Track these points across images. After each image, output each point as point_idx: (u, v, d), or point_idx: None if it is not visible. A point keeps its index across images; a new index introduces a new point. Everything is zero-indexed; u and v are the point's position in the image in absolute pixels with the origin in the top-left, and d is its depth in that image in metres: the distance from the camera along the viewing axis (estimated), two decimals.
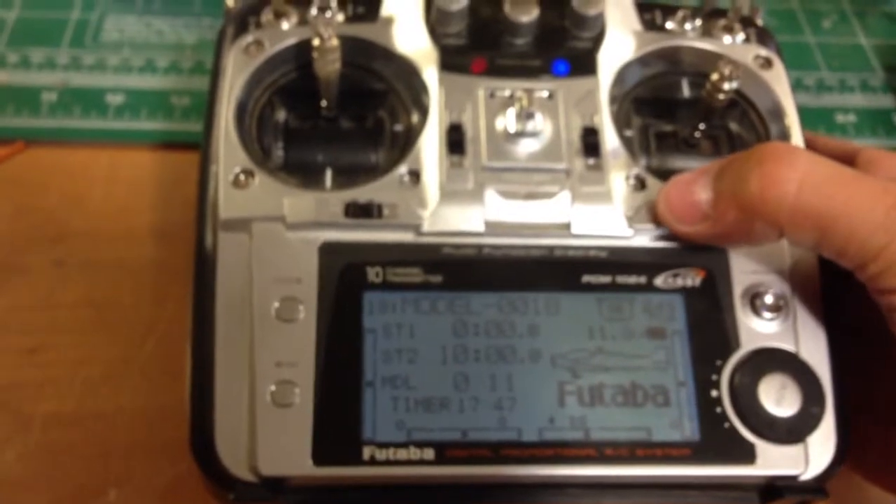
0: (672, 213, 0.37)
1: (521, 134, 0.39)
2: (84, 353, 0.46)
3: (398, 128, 0.41)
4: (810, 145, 0.43)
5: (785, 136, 0.42)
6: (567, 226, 0.38)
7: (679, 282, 0.38)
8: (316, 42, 0.38)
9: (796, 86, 0.58)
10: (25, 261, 0.48)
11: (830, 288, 0.38)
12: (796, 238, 0.35)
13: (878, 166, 0.39)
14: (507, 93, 0.40)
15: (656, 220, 0.38)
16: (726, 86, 0.40)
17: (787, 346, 0.37)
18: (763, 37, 0.45)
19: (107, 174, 0.52)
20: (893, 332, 0.34)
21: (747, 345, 0.37)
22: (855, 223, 0.33)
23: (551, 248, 0.38)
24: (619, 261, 0.38)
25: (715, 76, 0.40)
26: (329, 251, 0.37)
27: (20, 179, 0.51)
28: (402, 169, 0.38)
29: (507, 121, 0.39)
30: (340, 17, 0.42)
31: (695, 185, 0.36)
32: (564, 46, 0.42)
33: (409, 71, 0.41)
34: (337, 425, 0.34)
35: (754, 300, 0.37)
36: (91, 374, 0.45)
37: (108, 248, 0.49)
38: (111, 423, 0.44)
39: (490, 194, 0.38)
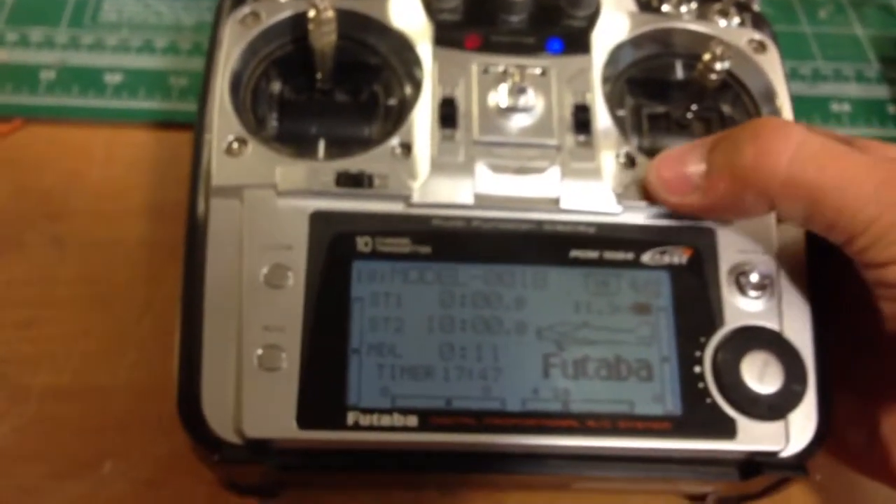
0: (663, 183, 0.37)
1: (512, 109, 0.39)
2: (81, 328, 0.46)
3: (392, 101, 0.42)
4: None
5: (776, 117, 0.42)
6: (556, 201, 0.38)
7: (666, 259, 0.38)
8: (311, 14, 0.39)
9: (792, 75, 0.59)
10: (23, 238, 0.49)
11: (817, 267, 0.38)
12: (787, 210, 0.35)
13: (871, 151, 0.39)
14: (500, 68, 0.41)
15: (646, 194, 0.38)
16: (718, 66, 0.40)
17: (771, 325, 0.37)
18: (758, 22, 0.45)
19: (104, 153, 0.52)
20: (880, 306, 0.34)
21: (731, 322, 0.37)
22: (846, 196, 0.33)
23: (540, 223, 0.38)
24: (606, 237, 0.38)
25: (707, 56, 0.40)
26: (319, 219, 0.37)
27: (18, 157, 0.52)
28: (394, 141, 0.39)
29: (500, 96, 0.40)
30: None
31: (687, 156, 0.37)
32: (559, 25, 0.42)
33: (403, 45, 0.41)
34: (322, 390, 0.35)
35: (740, 278, 0.38)
36: (87, 348, 0.46)
37: (106, 225, 0.49)
38: (107, 396, 0.44)
39: (480, 168, 0.38)
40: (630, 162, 0.39)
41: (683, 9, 0.44)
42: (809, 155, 0.33)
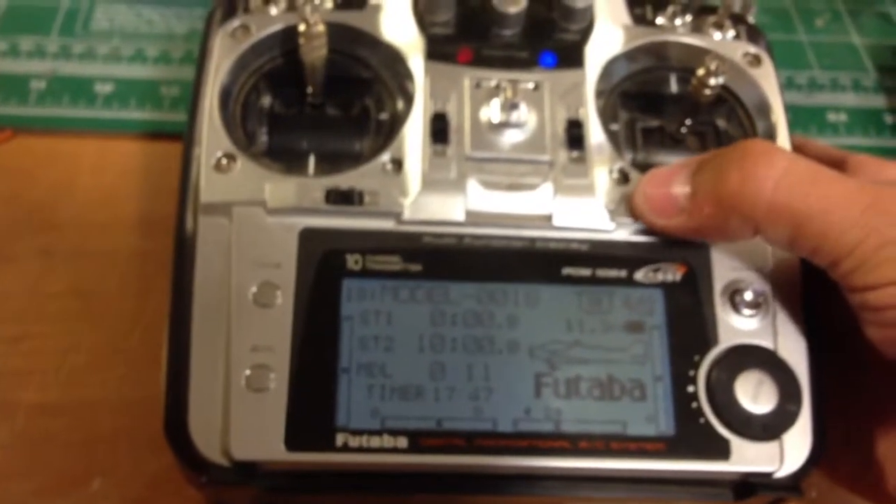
0: (649, 205, 0.37)
1: (505, 124, 0.39)
2: (70, 342, 0.46)
3: (383, 116, 0.41)
4: (800, 148, 0.43)
5: (771, 132, 0.42)
6: (549, 217, 0.38)
7: (659, 276, 0.38)
8: (302, 28, 0.38)
9: (788, 84, 0.58)
10: (12, 249, 0.48)
11: (814, 291, 0.38)
12: (771, 235, 0.35)
13: (864, 171, 0.39)
14: (492, 83, 0.40)
15: (633, 212, 0.38)
16: (712, 81, 0.40)
17: (766, 344, 0.37)
18: (753, 34, 0.45)
19: (95, 164, 0.52)
20: (864, 330, 0.34)
21: (725, 341, 0.37)
22: (830, 221, 0.33)
23: (532, 240, 0.38)
24: (599, 254, 0.38)
25: (701, 71, 0.40)
26: (309, 237, 0.37)
27: (7, 168, 0.51)
28: (385, 157, 0.38)
29: (492, 111, 0.39)
30: (329, 4, 0.42)
31: (673, 178, 0.36)
32: (552, 38, 0.42)
33: (395, 59, 0.41)
34: (311, 411, 0.34)
35: (734, 296, 0.37)
36: (76, 363, 0.45)
37: (95, 237, 0.49)
38: (96, 412, 0.44)
39: (472, 184, 0.38)
40: (623, 178, 0.39)
41: (678, 21, 0.44)
42: (795, 181, 0.33)
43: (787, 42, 0.61)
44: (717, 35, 0.44)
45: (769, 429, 0.36)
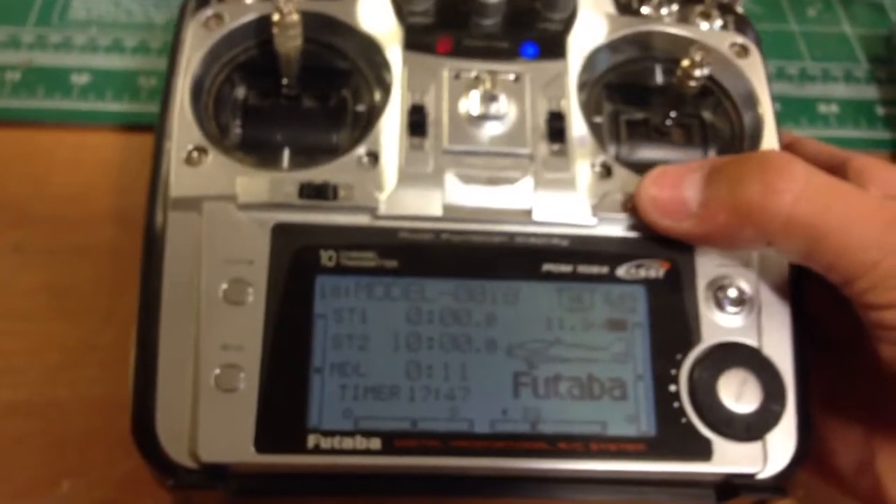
0: (655, 206, 0.36)
1: (484, 117, 0.38)
2: (41, 341, 0.45)
3: (361, 108, 0.40)
4: (798, 148, 0.42)
5: (758, 126, 0.41)
6: (529, 212, 0.37)
7: (642, 273, 0.37)
8: (276, 17, 0.37)
9: (779, 75, 0.57)
10: None
11: (810, 294, 0.37)
12: (786, 248, 0.34)
13: (871, 178, 0.37)
14: (472, 74, 0.39)
15: (630, 209, 0.37)
16: (697, 73, 0.39)
17: (750, 341, 0.36)
18: (741, 24, 0.44)
19: (70, 157, 0.50)
20: (877, 347, 0.33)
21: (709, 339, 0.36)
22: (848, 237, 0.32)
23: (512, 235, 0.37)
24: (581, 250, 0.37)
25: (686, 63, 0.39)
26: (281, 232, 0.36)
27: None
28: (361, 150, 0.37)
29: (471, 103, 0.38)
30: None
31: (684, 180, 0.35)
32: (534, 28, 0.41)
33: (372, 49, 0.40)
34: (282, 412, 0.34)
35: (718, 293, 0.37)
36: (48, 362, 0.44)
37: (69, 233, 0.48)
38: (68, 412, 0.43)
39: (450, 178, 0.37)
40: (606, 171, 0.38)
41: (664, 11, 0.43)
42: (813, 195, 0.32)
43: (778, 32, 0.60)
44: (704, 25, 0.43)
45: (752, 429, 0.35)
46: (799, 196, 0.32)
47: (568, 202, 0.37)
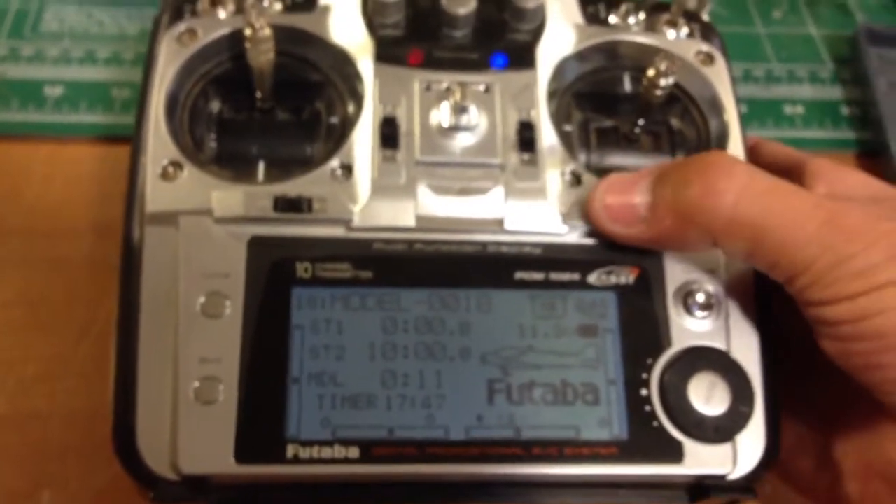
0: (607, 213, 0.37)
1: (455, 128, 0.39)
2: (18, 353, 0.45)
3: (334, 120, 0.41)
4: (759, 150, 0.43)
5: (724, 131, 0.41)
6: (500, 221, 0.37)
7: (612, 279, 0.38)
8: (248, 32, 0.38)
9: (745, 77, 0.58)
10: None
11: (766, 293, 0.38)
12: (729, 248, 0.35)
13: (821, 179, 0.39)
14: (443, 85, 0.40)
15: (582, 216, 0.38)
16: (662, 81, 0.39)
17: (719, 345, 0.37)
18: (707, 32, 0.44)
19: (44, 169, 0.51)
20: (820, 342, 0.34)
21: (678, 343, 0.37)
22: (787, 236, 0.33)
23: (484, 244, 0.37)
24: (552, 257, 0.38)
25: (651, 72, 0.40)
26: (257, 246, 0.36)
27: None
28: (334, 162, 0.38)
29: (442, 114, 0.39)
30: (279, 7, 0.41)
31: (634, 187, 0.36)
32: (503, 39, 0.42)
33: (344, 62, 0.41)
34: (261, 423, 0.34)
35: (687, 298, 0.37)
36: (25, 373, 0.44)
37: (44, 245, 0.48)
38: (45, 423, 0.43)
39: (422, 189, 0.37)
40: (576, 180, 0.39)
41: (631, 20, 0.44)
42: (754, 195, 0.33)
43: (745, 34, 0.61)
44: (670, 33, 0.44)
45: (722, 431, 0.36)
46: (740, 196, 0.33)
47: (539, 211, 0.38)
